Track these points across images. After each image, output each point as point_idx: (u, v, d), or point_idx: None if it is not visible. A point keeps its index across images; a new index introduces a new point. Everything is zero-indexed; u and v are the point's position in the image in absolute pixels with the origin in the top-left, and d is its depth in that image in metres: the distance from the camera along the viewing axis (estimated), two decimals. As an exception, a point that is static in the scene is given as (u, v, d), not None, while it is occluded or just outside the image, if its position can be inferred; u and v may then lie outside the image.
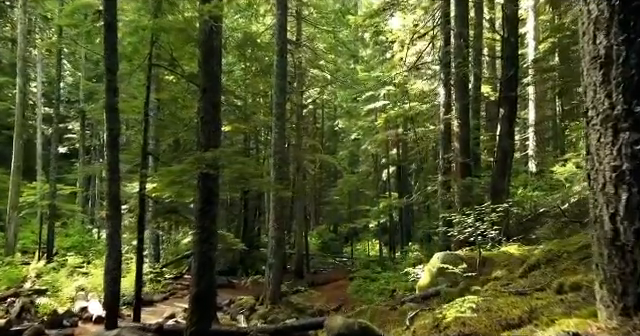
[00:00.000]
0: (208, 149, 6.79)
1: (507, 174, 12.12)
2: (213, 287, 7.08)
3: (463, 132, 12.69)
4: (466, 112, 12.91)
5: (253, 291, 16.65)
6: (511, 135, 12.28)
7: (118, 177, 8.35)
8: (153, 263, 16.83)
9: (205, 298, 6.82)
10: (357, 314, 7.64)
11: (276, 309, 14.14)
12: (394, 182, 27.02)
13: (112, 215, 8.19)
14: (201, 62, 7.16)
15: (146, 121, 9.11)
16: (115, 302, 8.08)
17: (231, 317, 13.17)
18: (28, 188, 20.35)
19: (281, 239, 14.88)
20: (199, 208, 6.95)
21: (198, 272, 6.84)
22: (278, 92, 14.53)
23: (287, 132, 23.87)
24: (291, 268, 22.89)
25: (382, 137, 22.42)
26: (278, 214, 14.53)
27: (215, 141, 7.03)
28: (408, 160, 25.40)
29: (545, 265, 5.50)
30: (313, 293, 16.50)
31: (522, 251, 8.43)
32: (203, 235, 6.90)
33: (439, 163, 14.47)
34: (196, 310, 6.73)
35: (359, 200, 31.80)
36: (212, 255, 6.92)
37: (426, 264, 12.14)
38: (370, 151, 26.38)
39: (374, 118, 24.46)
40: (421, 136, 20.92)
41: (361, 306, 14.23)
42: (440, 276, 8.53)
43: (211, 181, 6.89)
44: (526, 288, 4.46)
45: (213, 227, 6.95)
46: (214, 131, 7.06)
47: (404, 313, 7.08)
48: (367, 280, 18.46)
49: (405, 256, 19.87)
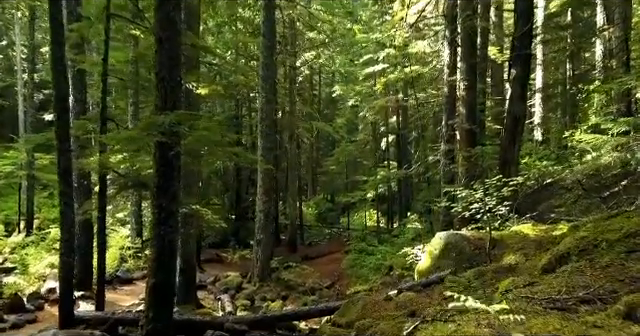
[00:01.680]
0: (165, 112, 5.57)
1: (518, 143, 10.90)
2: (173, 277, 5.99)
3: (469, 95, 11.40)
4: (473, 73, 11.57)
5: (242, 266, 15.74)
6: (523, 98, 10.98)
7: (69, 147, 7.16)
8: (134, 238, 15.82)
9: (164, 290, 5.74)
10: (346, 306, 6.60)
11: (265, 287, 13.24)
12: (393, 151, 25.83)
13: (64, 191, 7.04)
14: (156, 6, 5.83)
15: (104, 81, 7.82)
16: (68, 291, 7.04)
17: (215, 296, 12.25)
18: (5, 158, 19.19)
19: (270, 213, 13.81)
20: (156, 184, 5.78)
21: (156, 259, 5.74)
22: (265, 51, 13.14)
23: (280, 98, 22.60)
24: (286, 240, 21.98)
25: (381, 103, 21.04)
26: (267, 186, 13.42)
27: (174, 103, 5.79)
28: (408, 128, 24.09)
29: (578, 257, 4.38)
30: (305, 269, 15.59)
31: (537, 231, 7.32)
32: (161, 216, 5.76)
33: (442, 131, 13.22)
34: (153, 304, 5.67)
35: (357, 170, 30.70)
36: (172, 239, 5.80)
37: (426, 244, 11.09)
38: (369, 118, 25.02)
39: (373, 83, 23.01)
40: (422, 102, 19.55)
41: (355, 286, 13.39)
42: (443, 259, 7.46)
43: (170, 152, 5.69)
44: (562, 295, 3.35)
45: (173, 206, 5.80)
46: (172, 90, 5.80)
47: (401, 306, 6.02)
48: (363, 254, 17.56)
49: (403, 229, 18.90)
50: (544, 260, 4.83)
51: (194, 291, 10.73)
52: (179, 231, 6.49)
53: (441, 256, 7.50)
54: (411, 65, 19.19)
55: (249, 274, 13.93)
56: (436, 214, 17.34)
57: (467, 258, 7.19)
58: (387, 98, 21.20)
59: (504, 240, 7.28)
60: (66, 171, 6.88)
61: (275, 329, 7.30)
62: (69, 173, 6.99)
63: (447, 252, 7.45)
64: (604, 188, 9.44)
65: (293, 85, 21.11)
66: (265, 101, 13.07)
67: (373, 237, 19.86)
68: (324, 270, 16.51)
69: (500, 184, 7.19)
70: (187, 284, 10.50)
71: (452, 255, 7.34)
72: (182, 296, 10.41)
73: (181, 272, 10.44)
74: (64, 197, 7.05)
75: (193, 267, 10.69)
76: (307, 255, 18.76)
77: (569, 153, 19.90)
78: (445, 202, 9.89)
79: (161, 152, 5.75)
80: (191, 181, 10.27)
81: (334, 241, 23.42)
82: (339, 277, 15.65)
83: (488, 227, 6.91)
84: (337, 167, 28.53)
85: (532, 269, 5.28)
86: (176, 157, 5.86)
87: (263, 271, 13.48)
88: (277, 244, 21.10)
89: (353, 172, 30.40)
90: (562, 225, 7.36)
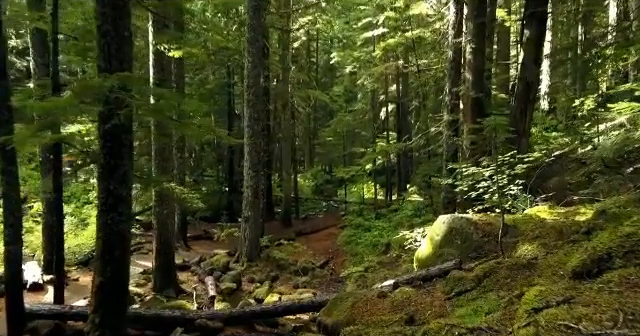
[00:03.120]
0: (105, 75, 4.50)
1: (530, 112, 9.85)
2: (126, 273, 5.05)
3: (477, 59, 10.24)
4: (482, 34, 10.35)
5: (232, 244, 14.89)
6: (537, 62, 9.86)
7: (10, 118, 6.10)
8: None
9: (114, 289, 4.82)
10: (334, 303, 5.70)
11: (253, 267, 12.40)
12: (393, 121, 24.67)
13: (5, 169, 6.02)
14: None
15: (54, 41, 6.68)
16: (16, 288, 6.11)
17: (199, 278, 11.41)
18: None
19: (259, 188, 12.84)
20: (101, 163, 4.76)
21: (103, 254, 4.78)
22: (251, 11, 11.86)
23: (273, 65, 21.28)
24: (280, 214, 21.11)
25: (380, 70, 19.77)
26: (254, 160, 12.39)
27: (121, 63, 4.70)
28: (409, 96, 22.85)
29: (624, 261, 3.41)
30: (298, 246, 14.76)
31: (556, 215, 6.35)
32: (108, 201, 4.77)
33: (445, 99, 12.10)
34: (101, 307, 4.75)
35: (355, 142, 29.65)
36: (123, 229, 4.83)
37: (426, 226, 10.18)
38: (368, 86, 23.75)
39: (372, 49, 21.65)
40: (423, 68, 18.27)
41: (350, 267, 12.55)
42: (446, 247, 6.53)
43: (116, 124, 4.64)
44: (623, 328, 2.40)
45: (123, 190, 4.81)
46: (119, 48, 4.71)
47: (398, 307, 5.12)
48: (359, 229, 16.73)
49: (402, 204, 18.00)
50: (575, 260, 3.86)
51: (173, 275, 9.88)
52: (132, 218, 5.50)
53: (444, 243, 6.56)
54: (412, 29, 17.84)
55: (237, 254, 13.08)
56: (436, 189, 16.40)
57: (474, 246, 6.25)
58: (387, 64, 19.91)
59: (517, 225, 6.33)
60: (5, 145, 5.83)
61: (253, 325, 6.45)
62: (12, 150, 5.94)
63: (451, 239, 6.51)
64: (627, 163, 8.43)
65: (286, 51, 19.76)
66: (252, 66, 11.87)
67: (371, 211, 18.98)
68: (318, 247, 15.70)
69: (514, 161, 6.18)
70: (165, 268, 9.64)
71: (457, 242, 6.40)
72: (160, 281, 9.59)
73: (158, 255, 9.58)
74: (5, 175, 6.03)
75: (171, 249, 9.81)
76: (302, 230, 17.92)
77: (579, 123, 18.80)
78: (446, 178, 8.90)
79: (106, 124, 4.70)
80: (165, 156, 9.25)
81: (331, 215, 22.56)
82: (334, 255, 14.84)
83: (501, 211, 5.91)
84: (334, 138, 27.43)
85: (558, 268, 4.33)
86: (125, 131, 4.82)
87: (251, 250, 12.62)
88: (270, 219, 20.27)
89: (351, 143, 29.34)
90: (584, 208, 6.39)
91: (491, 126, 5.76)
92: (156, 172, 9.08)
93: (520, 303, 3.44)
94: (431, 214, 14.84)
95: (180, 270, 12.00)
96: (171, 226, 9.80)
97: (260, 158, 13.07)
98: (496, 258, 5.58)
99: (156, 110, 4.70)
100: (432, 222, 12.49)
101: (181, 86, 15.57)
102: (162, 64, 9.09)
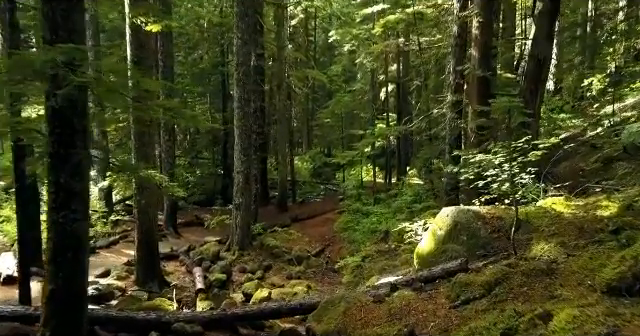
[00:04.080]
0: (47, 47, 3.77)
1: (541, 93, 9.10)
2: (84, 277, 4.41)
3: (484, 35, 9.41)
4: (489, 7, 9.52)
5: (224, 231, 14.27)
6: (550, 38, 9.07)
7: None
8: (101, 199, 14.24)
9: (69, 297, 4.18)
10: (325, 307, 5.07)
11: (245, 256, 11.81)
12: (393, 102, 23.84)
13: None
14: None
15: (10, 10, 5.91)
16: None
17: (187, 269, 10.84)
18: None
19: (250, 173, 12.16)
20: (50, 153, 4.07)
21: (55, 256, 4.13)
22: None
23: (267, 44, 20.33)
24: (276, 199, 20.46)
25: (380, 48, 18.86)
26: (245, 143, 11.70)
27: (69, 35, 3.96)
28: (409, 76, 21.96)
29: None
30: (293, 233, 14.15)
31: (574, 208, 5.67)
32: (59, 196, 4.10)
33: (449, 78, 11.32)
34: (54, 316, 4.12)
35: (354, 123, 28.83)
36: (77, 228, 4.16)
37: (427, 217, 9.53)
38: (367, 66, 22.83)
39: (371, 26, 20.68)
40: (425, 47, 17.39)
41: (346, 256, 11.96)
42: (450, 243, 5.87)
43: (67, 105, 3.94)
44: None
45: (77, 183, 4.13)
46: (66, 17, 3.96)
47: (396, 316, 4.48)
48: (357, 215, 16.10)
49: (402, 188, 17.33)
50: (610, 271, 3.20)
51: (157, 267, 9.28)
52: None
53: (448, 239, 5.90)
54: (414, 4, 16.90)
55: (228, 242, 12.48)
56: (437, 173, 15.73)
57: (482, 243, 5.60)
58: (386, 42, 18.99)
59: (530, 220, 5.66)
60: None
61: (237, 329, 5.84)
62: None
63: (456, 234, 5.84)
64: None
65: (282, 27, 18.82)
66: (241, 43, 11.04)
67: (369, 196, 18.31)
68: (314, 233, 15.11)
69: (528, 147, 5.48)
70: (148, 260, 9.03)
71: (462, 238, 5.74)
72: (142, 274, 9.00)
73: (140, 246, 8.96)
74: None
75: (154, 240, 9.17)
76: (297, 216, 17.30)
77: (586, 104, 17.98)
78: (449, 166, 8.20)
79: (54, 106, 3.98)
80: (145, 141, 8.53)
81: (329, 199, 21.90)
82: (330, 242, 14.27)
83: (514, 203, 5.23)
84: (332, 120, 26.58)
85: (584, 277, 3.66)
86: (78, 114, 4.10)
87: (243, 238, 12.02)
88: (266, 203, 19.67)
89: (350, 125, 28.52)
90: (605, 200, 5.70)
91: (503, 108, 5.04)
92: (136, 158, 8.39)
93: (547, 329, 2.78)
94: (431, 200, 14.20)
95: (167, 259, 11.44)
96: (153, 215, 9.14)
97: (252, 141, 12.36)
98: (507, 258, 4.94)
99: (110, 90, 3.99)
100: (432, 208, 11.89)
101: (169, 65, 14.78)
102: (140, 40, 8.29)
